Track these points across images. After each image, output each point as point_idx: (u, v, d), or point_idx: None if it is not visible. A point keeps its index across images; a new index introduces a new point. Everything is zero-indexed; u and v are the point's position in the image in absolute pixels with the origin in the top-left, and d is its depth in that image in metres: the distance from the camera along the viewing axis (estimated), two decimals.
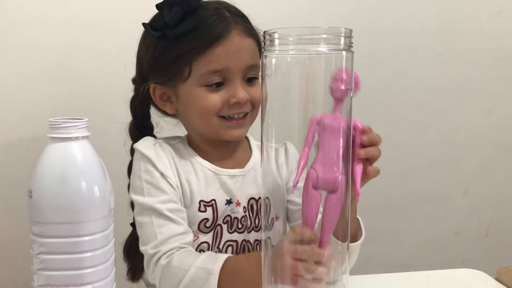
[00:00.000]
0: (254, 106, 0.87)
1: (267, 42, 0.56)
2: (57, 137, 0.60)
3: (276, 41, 0.55)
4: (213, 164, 0.89)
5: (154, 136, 0.94)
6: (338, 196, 0.62)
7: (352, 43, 0.56)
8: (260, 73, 0.75)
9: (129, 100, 0.93)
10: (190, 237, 0.83)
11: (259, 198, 0.85)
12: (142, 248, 0.83)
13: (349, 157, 0.62)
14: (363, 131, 0.69)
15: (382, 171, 1.55)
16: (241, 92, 0.84)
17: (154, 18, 0.87)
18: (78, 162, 0.60)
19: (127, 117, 0.97)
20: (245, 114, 0.87)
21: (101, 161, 0.63)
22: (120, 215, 0.84)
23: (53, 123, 0.60)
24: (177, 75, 0.85)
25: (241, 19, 0.87)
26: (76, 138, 0.61)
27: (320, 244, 0.64)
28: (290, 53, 0.55)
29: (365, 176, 0.69)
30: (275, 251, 0.65)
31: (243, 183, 0.91)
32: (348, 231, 0.65)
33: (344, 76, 0.55)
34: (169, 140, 0.92)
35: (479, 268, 0.89)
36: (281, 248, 0.65)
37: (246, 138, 0.96)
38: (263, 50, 0.57)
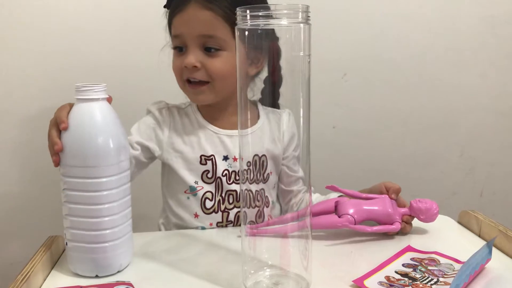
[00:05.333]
0: (213, 77, 0.95)
1: (239, 18, 0.65)
2: (81, 98, 0.74)
3: (248, 17, 0.65)
4: (213, 124, 1.01)
5: None
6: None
7: (309, 17, 0.64)
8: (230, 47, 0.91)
9: None
10: None
11: (262, 155, 0.95)
12: None
13: None
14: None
15: (381, 134, 1.61)
16: (189, 57, 0.94)
17: None
18: (97, 118, 0.74)
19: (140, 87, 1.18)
20: (203, 82, 0.96)
21: (118, 118, 0.77)
22: None
23: (78, 87, 0.74)
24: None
25: None
26: (97, 99, 0.74)
27: None
28: (260, 26, 0.65)
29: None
30: None
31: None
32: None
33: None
34: (180, 105, 1.05)
35: None
36: None
37: (255, 105, 1.03)
38: (236, 24, 0.66)
